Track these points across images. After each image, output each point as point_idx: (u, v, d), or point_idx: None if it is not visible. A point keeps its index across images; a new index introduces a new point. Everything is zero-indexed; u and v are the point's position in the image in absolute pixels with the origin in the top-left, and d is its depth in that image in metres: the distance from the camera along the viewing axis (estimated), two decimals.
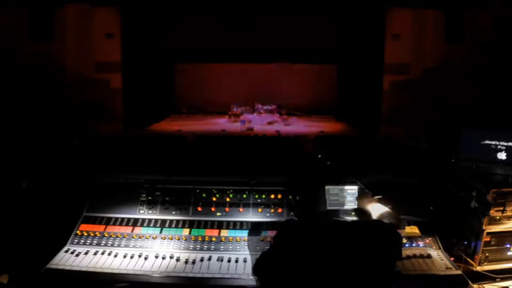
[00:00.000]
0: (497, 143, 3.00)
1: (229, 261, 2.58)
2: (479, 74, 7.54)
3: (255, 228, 2.84)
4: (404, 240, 2.74)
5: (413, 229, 2.83)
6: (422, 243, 2.74)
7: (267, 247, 2.61)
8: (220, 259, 2.59)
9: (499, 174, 2.91)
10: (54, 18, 9.14)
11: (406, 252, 2.63)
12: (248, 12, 11.60)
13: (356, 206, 2.90)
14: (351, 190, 2.96)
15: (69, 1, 8.91)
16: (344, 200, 2.92)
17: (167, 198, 3.01)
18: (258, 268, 1.92)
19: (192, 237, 2.78)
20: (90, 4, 9.41)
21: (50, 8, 8.66)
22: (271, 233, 2.79)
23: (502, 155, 2.97)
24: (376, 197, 2.69)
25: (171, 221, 2.90)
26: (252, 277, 2.41)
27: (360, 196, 2.57)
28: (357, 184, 2.98)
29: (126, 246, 2.72)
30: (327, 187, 2.94)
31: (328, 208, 2.90)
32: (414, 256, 2.60)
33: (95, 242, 2.75)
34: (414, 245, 2.73)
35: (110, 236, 2.78)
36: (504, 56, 7.07)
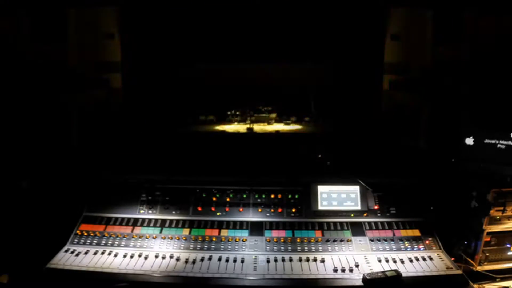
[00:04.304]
0: (497, 142, 3.00)
1: (228, 260, 2.58)
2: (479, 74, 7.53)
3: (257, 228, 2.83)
4: (406, 244, 2.74)
5: (414, 232, 2.83)
6: (423, 246, 2.74)
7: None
8: (220, 259, 2.59)
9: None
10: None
11: (407, 255, 2.63)
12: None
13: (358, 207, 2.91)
14: (352, 189, 2.96)
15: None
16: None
17: (167, 198, 3.01)
18: None
19: (192, 237, 2.78)
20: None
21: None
22: (275, 233, 2.80)
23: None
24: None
25: (171, 221, 2.90)
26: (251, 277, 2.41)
27: None
28: (359, 184, 2.99)
29: (126, 246, 2.72)
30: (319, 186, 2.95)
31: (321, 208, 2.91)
32: (416, 259, 2.60)
33: (95, 242, 2.75)
34: (415, 249, 2.73)
35: (110, 236, 2.78)
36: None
